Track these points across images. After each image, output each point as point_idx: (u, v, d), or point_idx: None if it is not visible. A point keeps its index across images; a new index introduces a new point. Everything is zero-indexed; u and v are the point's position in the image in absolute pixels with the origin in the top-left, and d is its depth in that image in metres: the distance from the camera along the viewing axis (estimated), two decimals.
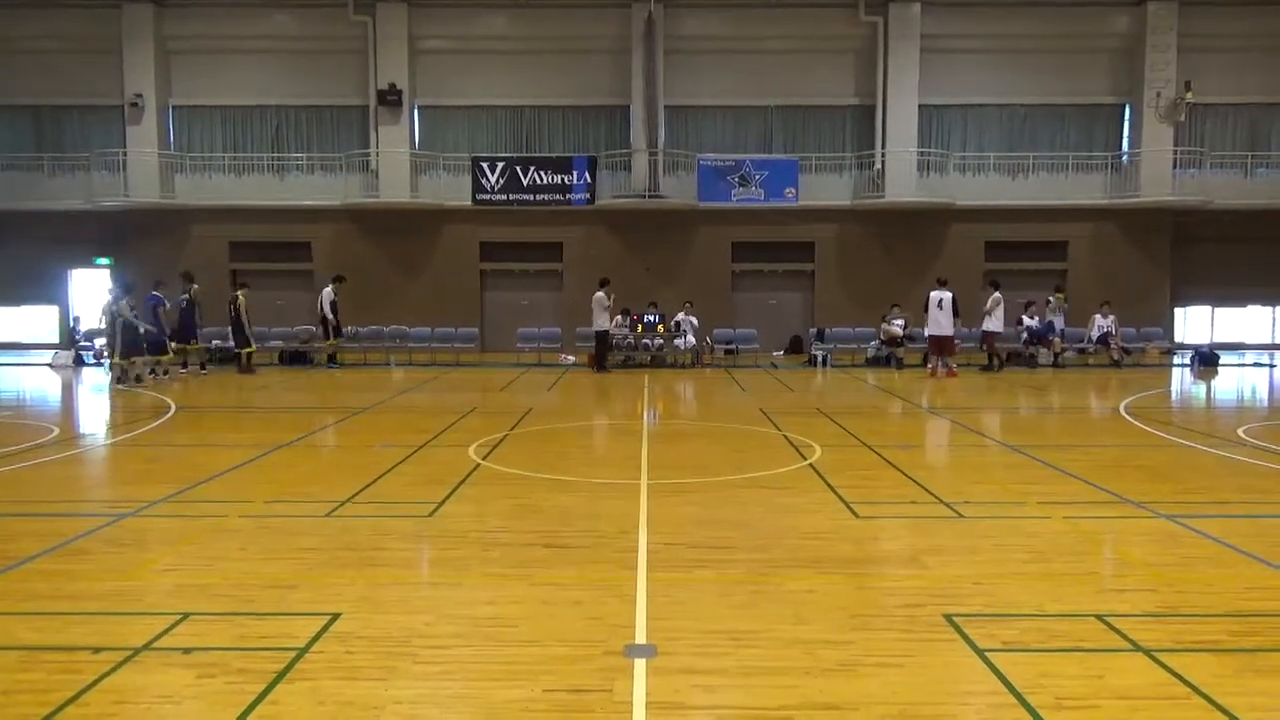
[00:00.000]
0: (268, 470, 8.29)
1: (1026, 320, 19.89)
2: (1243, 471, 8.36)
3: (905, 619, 4.45)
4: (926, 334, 17.65)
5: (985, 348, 18.69)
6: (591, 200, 23.57)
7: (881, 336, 20.08)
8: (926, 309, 17.38)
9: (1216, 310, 25.58)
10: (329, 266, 23.75)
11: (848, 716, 3.45)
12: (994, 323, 18.27)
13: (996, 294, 18.25)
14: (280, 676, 3.75)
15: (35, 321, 25.62)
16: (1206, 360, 19.88)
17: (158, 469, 8.58)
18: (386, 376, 18.15)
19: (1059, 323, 20.04)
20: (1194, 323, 25.65)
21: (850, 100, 24.42)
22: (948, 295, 17.11)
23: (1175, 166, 23.74)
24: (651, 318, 20.05)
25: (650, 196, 23.39)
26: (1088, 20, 23.98)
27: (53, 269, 24.96)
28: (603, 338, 18.69)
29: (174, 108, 24.57)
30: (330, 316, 19.58)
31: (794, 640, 4.18)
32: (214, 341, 19.78)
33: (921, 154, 23.89)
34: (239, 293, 18.40)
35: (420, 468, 8.35)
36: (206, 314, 19.16)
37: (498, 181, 23.57)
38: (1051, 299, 20.25)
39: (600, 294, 18.34)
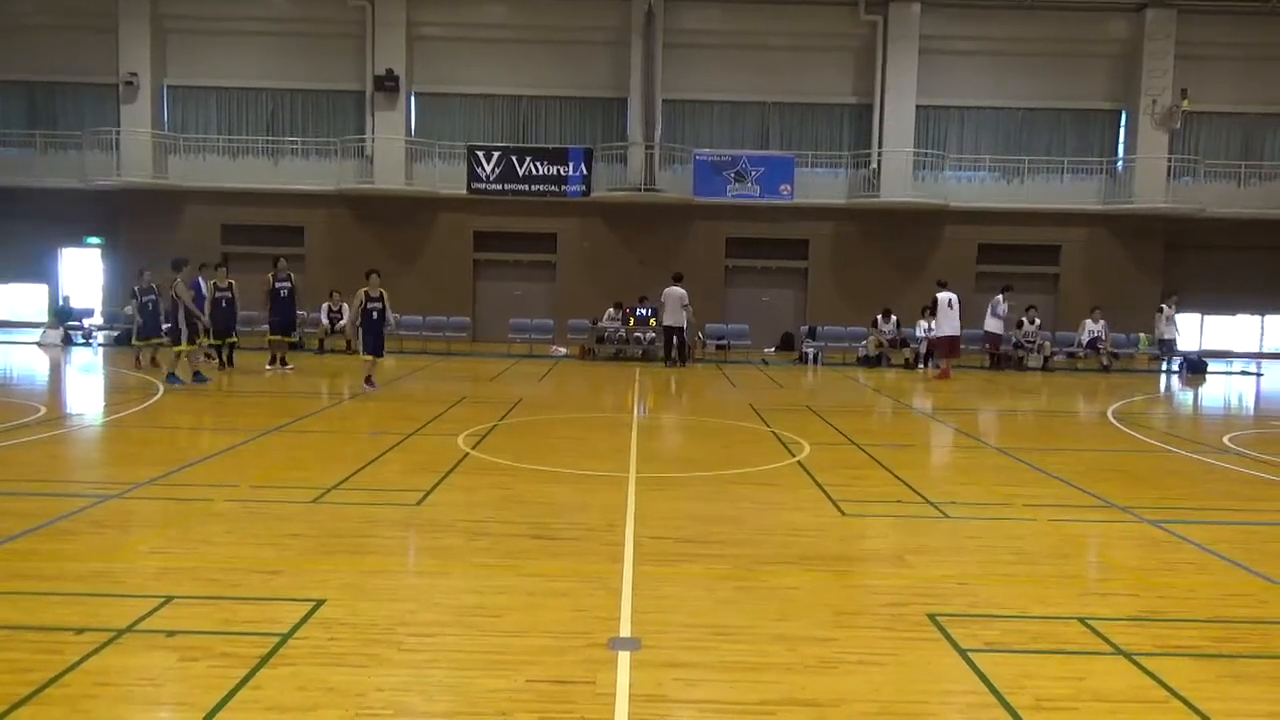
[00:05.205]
0: (255, 455, 8.26)
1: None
2: (1227, 478, 8.42)
3: (889, 617, 4.47)
4: (935, 334, 17.79)
5: (990, 348, 19.32)
6: (587, 192, 23.51)
7: (873, 337, 20.09)
8: (934, 311, 17.52)
9: (1206, 318, 25.69)
10: (321, 251, 23.73)
11: (829, 713, 3.47)
12: (995, 324, 18.87)
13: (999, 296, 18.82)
14: (263, 661, 3.75)
15: (24, 300, 25.44)
16: (1195, 367, 19.97)
17: (144, 451, 8.55)
18: (377, 364, 18.02)
19: (1172, 333, 19.61)
20: (1183, 330, 25.71)
21: (848, 99, 24.41)
22: (955, 296, 17.21)
23: (1169, 174, 23.81)
24: (643, 311, 20.03)
25: (646, 190, 23.35)
26: (1086, 25, 24.00)
27: (43, 247, 24.78)
28: (678, 332, 18.50)
29: (169, 88, 24.38)
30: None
31: (777, 636, 4.20)
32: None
33: (917, 154, 23.91)
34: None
35: (409, 456, 8.33)
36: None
37: (493, 171, 23.48)
38: (1165, 306, 19.61)
39: (679, 289, 18.16)
